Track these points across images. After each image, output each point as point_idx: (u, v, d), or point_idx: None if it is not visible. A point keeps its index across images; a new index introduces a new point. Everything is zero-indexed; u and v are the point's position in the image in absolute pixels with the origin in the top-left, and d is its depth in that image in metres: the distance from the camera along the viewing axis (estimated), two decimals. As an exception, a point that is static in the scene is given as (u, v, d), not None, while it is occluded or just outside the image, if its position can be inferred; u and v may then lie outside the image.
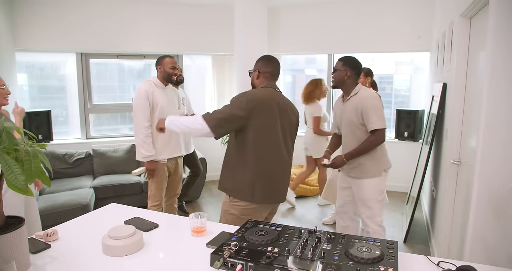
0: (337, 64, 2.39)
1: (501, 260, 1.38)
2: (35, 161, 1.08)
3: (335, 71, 2.40)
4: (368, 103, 2.28)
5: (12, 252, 1.12)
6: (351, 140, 2.40)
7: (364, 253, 1.17)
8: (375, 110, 2.27)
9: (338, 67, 2.38)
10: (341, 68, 2.36)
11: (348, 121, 2.37)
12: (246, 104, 1.86)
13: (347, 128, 2.41)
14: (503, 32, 1.52)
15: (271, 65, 2.13)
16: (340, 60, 2.40)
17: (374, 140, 2.31)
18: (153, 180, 3.07)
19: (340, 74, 2.37)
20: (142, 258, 1.33)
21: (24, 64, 4.63)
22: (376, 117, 2.26)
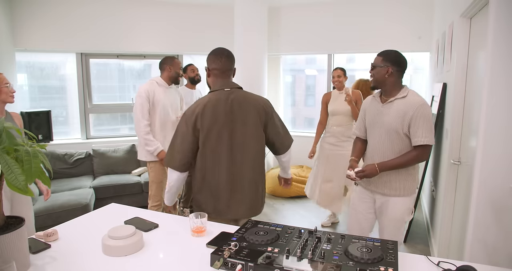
0: (376, 60, 2.02)
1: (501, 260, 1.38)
2: (35, 161, 1.08)
3: (374, 68, 2.02)
4: (421, 113, 1.87)
5: (12, 252, 1.12)
6: (386, 148, 1.99)
7: (364, 253, 1.17)
8: (427, 123, 1.88)
9: (377, 63, 2.01)
10: (381, 64, 1.98)
11: (388, 127, 1.96)
12: (186, 125, 1.76)
13: (384, 135, 1.99)
14: (503, 32, 1.52)
15: (219, 60, 1.86)
16: (380, 55, 2.02)
17: (419, 156, 1.92)
18: (153, 180, 3.05)
19: (380, 72, 1.98)
20: (142, 258, 1.32)
21: (24, 64, 4.63)
22: (427, 131, 1.87)
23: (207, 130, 1.76)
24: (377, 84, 2.02)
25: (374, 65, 2.03)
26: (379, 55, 2.03)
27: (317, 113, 4.07)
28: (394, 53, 2.02)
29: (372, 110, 2.09)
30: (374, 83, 2.04)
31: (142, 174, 4.49)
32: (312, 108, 5.83)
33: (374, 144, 2.05)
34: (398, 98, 1.96)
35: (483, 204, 1.64)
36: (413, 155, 1.92)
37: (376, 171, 1.93)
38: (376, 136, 2.03)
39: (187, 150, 1.77)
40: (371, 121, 2.08)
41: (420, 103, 1.89)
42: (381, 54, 2.03)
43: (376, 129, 2.03)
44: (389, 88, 1.99)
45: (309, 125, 5.82)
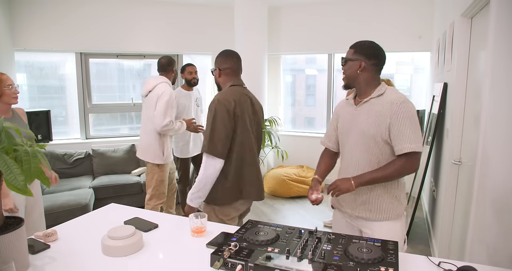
0: (348, 53, 1.66)
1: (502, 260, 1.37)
2: (35, 161, 1.08)
3: (345, 63, 1.66)
4: (402, 111, 1.51)
5: (11, 253, 1.12)
6: (364, 160, 1.61)
7: (364, 254, 1.17)
8: (412, 124, 1.51)
9: (348, 56, 1.65)
10: (353, 58, 1.62)
11: (363, 133, 1.59)
12: (228, 111, 1.84)
13: (360, 144, 1.61)
14: (504, 31, 1.51)
15: (230, 60, 2.00)
16: (352, 47, 1.65)
17: (405, 167, 1.52)
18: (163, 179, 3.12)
19: (352, 67, 1.62)
20: (142, 258, 1.32)
21: (23, 64, 4.63)
22: (413, 134, 1.50)
23: (242, 118, 1.90)
24: (349, 82, 1.68)
25: (345, 59, 1.66)
26: (351, 48, 1.66)
27: (317, 113, 4.06)
28: (368, 44, 1.64)
29: (345, 115, 1.72)
30: (346, 80, 1.69)
31: (141, 174, 4.48)
32: (312, 108, 5.83)
33: (349, 156, 1.67)
34: (373, 97, 1.60)
35: (484, 204, 1.64)
36: (398, 165, 1.52)
37: (351, 184, 1.53)
38: (351, 146, 1.66)
39: (227, 137, 1.85)
40: (344, 128, 1.71)
41: (400, 100, 1.53)
42: (353, 46, 1.66)
43: (350, 137, 1.66)
44: (363, 86, 1.64)
45: (309, 125, 5.82)
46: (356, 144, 1.63)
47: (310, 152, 5.29)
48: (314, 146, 5.29)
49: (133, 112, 5.26)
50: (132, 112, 5.27)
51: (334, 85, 5.38)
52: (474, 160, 1.84)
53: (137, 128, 5.34)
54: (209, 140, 1.83)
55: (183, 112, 3.52)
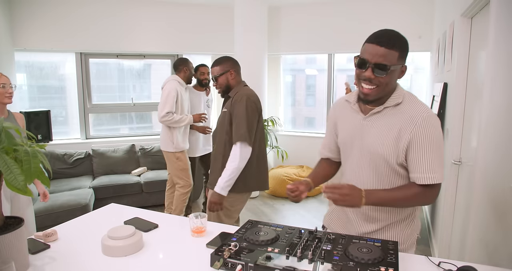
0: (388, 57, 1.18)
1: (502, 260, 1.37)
2: (35, 161, 1.08)
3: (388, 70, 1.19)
4: (426, 132, 1.20)
5: (11, 253, 1.12)
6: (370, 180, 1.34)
7: (364, 254, 1.17)
8: (436, 148, 1.21)
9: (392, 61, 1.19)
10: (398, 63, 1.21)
11: (373, 152, 1.29)
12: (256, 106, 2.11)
13: (365, 162, 1.33)
14: (503, 31, 1.51)
15: (236, 62, 2.25)
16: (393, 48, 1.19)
17: (426, 197, 1.26)
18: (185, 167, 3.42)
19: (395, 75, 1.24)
20: (142, 258, 1.32)
21: (23, 64, 4.63)
22: (436, 161, 1.21)
23: (261, 114, 2.16)
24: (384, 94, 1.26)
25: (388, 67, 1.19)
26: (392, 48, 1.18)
27: (317, 113, 4.05)
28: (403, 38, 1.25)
29: (348, 123, 1.38)
30: (379, 92, 1.24)
31: (142, 174, 4.49)
32: (312, 108, 5.83)
33: (352, 174, 1.38)
34: (388, 106, 1.27)
35: (484, 204, 1.64)
36: (413, 193, 1.24)
37: (361, 199, 1.21)
38: (355, 163, 1.36)
39: (254, 128, 2.08)
40: (347, 139, 1.39)
41: (424, 115, 1.21)
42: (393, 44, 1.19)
43: (354, 152, 1.36)
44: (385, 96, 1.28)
45: (309, 125, 5.81)
46: (362, 162, 1.34)
47: (310, 152, 5.29)
48: (314, 146, 5.31)
49: (133, 112, 5.26)
50: (132, 112, 5.27)
51: (334, 85, 5.38)
52: (474, 160, 1.84)
53: (137, 128, 5.35)
54: (246, 129, 2.02)
55: (190, 110, 3.63)
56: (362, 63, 1.22)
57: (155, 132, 5.30)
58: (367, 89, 1.24)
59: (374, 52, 1.20)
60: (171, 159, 3.41)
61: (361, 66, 1.23)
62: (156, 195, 4.28)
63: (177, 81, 3.36)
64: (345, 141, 1.40)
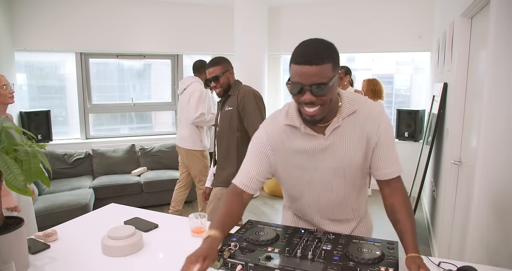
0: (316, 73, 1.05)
1: (502, 260, 1.37)
2: (35, 161, 1.08)
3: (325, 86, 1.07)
4: (390, 129, 1.24)
5: (11, 253, 1.12)
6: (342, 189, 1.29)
7: (364, 254, 1.17)
8: (394, 139, 1.28)
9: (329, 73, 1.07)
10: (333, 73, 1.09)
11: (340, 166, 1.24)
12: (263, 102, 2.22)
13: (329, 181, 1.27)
14: (503, 31, 1.51)
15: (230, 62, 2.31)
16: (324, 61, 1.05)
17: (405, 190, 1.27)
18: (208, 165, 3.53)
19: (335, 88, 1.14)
20: (142, 258, 1.32)
21: (23, 64, 4.63)
22: (396, 153, 1.26)
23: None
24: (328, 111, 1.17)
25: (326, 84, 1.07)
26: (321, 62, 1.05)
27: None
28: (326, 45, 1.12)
29: (301, 147, 1.24)
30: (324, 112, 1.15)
31: (142, 174, 4.49)
32: (312, 108, 5.82)
33: (318, 192, 1.30)
34: (344, 117, 1.20)
35: (484, 204, 1.64)
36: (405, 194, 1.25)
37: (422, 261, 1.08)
38: (321, 181, 1.27)
39: None
40: (305, 163, 1.26)
41: (379, 112, 1.23)
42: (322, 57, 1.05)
43: (319, 172, 1.26)
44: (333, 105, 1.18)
45: (309, 125, 5.81)
46: (330, 184, 1.27)
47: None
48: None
49: (133, 112, 5.27)
50: (132, 112, 5.27)
51: (334, 85, 5.37)
52: (474, 160, 1.84)
53: (137, 128, 5.35)
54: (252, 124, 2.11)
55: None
56: (297, 88, 1.08)
57: (155, 133, 5.31)
58: (312, 111, 1.12)
59: (306, 73, 1.05)
60: (197, 157, 3.51)
61: (298, 92, 1.09)
62: (156, 195, 4.28)
63: (200, 83, 3.49)
64: (303, 166, 1.26)
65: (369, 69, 5.46)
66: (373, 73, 5.33)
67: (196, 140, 3.52)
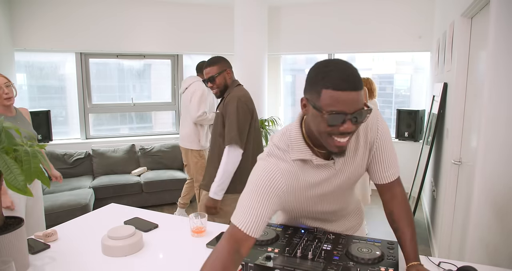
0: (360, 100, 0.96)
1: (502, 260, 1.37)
2: (35, 161, 1.08)
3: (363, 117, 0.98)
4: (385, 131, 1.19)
5: (11, 253, 1.12)
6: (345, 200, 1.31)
7: (364, 254, 1.17)
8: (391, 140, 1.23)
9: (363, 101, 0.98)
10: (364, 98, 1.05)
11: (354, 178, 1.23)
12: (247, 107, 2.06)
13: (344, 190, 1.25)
14: (503, 31, 1.51)
15: (228, 61, 2.20)
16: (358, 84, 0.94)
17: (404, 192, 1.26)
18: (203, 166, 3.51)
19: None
20: (142, 258, 1.32)
21: (23, 64, 4.63)
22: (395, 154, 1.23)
23: (254, 114, 2.12)
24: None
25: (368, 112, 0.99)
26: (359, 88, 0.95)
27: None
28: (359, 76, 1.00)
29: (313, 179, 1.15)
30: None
31: (142, 174, 4.49)
32: (312, 108, 5.82)
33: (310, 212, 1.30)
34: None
35: (484, 204, 1.64)
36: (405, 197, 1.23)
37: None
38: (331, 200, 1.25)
39: (246, 129, 2.05)
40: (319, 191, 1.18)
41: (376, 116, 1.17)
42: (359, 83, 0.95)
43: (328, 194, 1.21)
44: None
45: (309, 125, 5.81)
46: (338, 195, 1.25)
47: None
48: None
49: (133, 112, 5.27)
50: (132, 112, 5.27)
51: (334, 85, 5.37)
52: (474, 160, 1.84)
53: (137, 128, 5.35)
54: (237, 132, 1.99)
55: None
56: (340, 118, 0.94)
57: (155, 133, 5.31)
58: (344, 142, 0.99)
59: (352, 100, 0.93)
60: (195, 156, 3.57)
61: (335, 121, 0.95)
62: (156, 195, 4.28)
63: (201, 82, 3.54)
64: (312, 196, 1.19)
65: (369, 69, 5.46)
66: (373, 73, 5.33)
67: (194, 140, 3.55)
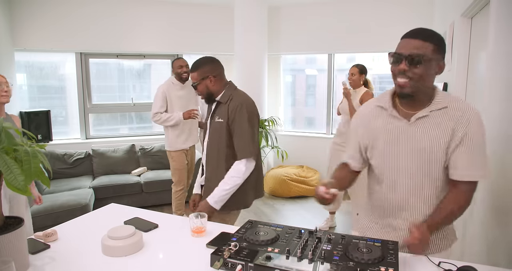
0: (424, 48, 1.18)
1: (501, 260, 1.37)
2: (35, 161, 1.08)
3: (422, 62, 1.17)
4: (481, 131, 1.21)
5: (11, 253, 1.12)
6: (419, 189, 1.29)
7: (364, 254, 1.17)
8: (483, 146, 1.22)
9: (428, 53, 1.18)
10: (435, 56, 1.19)
11: (422, 155, 1.25)
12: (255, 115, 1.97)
13: (411, 169, 1.28)
14: (503, 32, 1.51)
15: (217, 64, 1.99)
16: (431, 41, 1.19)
17: (468, 200, 1.25)
18: (177, 168, 3.55)
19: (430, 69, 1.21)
20: (142, 258, 1.32)
21: (23, 64, 4.63)
22: (484, 156, 1.23)
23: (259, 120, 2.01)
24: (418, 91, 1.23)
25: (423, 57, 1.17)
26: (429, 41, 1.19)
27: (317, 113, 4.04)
28: (441, 37, 1.24)
29: (386, 130, 1.31)
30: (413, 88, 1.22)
31: (142, 174, 4.49)
32: (312, 108, 5.83)
33: (397, 187, 1.32)
34: (434, 110, 1.24)
35: (484, 204, 1.64)
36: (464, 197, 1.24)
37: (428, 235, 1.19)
38: (400, 167, 1.30)
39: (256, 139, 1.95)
40: (388, 145, 1.31)
41: (477, 112, 1.21)
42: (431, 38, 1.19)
43: (401, 157, 1.30)
44: (423, 94, 1.25)
45: (309, 125, 5.82)
46: (408, 167, 1.28)
47: (310, 152, 5.29)
48: (314, 145, 5.32)
49: (133, 112, 5.27)
50: (132, 112, 5.27)
51: (334, 86, 5.38)
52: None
53: (137, 128, 5.36)
54: (245, 144, 1.87)
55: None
56: (397, 57, 1.22)
57: (155, 133, 5.31)
58: (403, 82, 1.22)
59: (408, 45, 1.21)
60: (168, 157, 3.59)
61: (396, 61, 1.23)
62: (156, 195, 4.28)
63: (171, 81, 3.49)
64: (385, 148, 1.32)
65: (370, 69, 5.44)
66: (373, 73, 5.33)
67: (165, 140, 3.58)
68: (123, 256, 1.32)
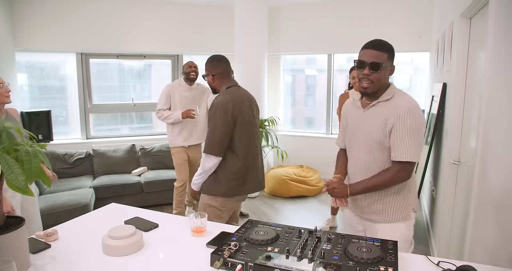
0: (379, 57, 1.53)
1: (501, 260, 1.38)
2: (35, 161, 1.08)
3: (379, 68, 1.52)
4: (406, 119, 1.50)
5: (12, 252, 1.12)
6: (369, 164, 1.63)
7: (364, 253, 1.18)
8: (415, 133, 1.51)
9: (383, 61, 1.53)
10: (388, 63, 1.55)
11: (369, 137, 1.60)
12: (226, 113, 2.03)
13: (365, 148, 1.62)
14: (503, 32, 1.52)
15: (220, 64, 2.18)
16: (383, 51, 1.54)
17: (397, 176, 1.55)
18: (175, 162, 3.69)
19: (385, 73, 1.56)
20: (142, 258, 1.33)
21: (24, 64, 4.63)
22: (413, 143, 1.51)
23: (241, 117, 2.08)
24: (377, 89, 1.57)
25: (379, 64, 1.51)
26: (382, 50, 1.53)
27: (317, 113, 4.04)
28: (390, 45, 1.59)
29: (353, 117, 1.72)
30: (374, 88, 1.56)
31: (142, 173, 4.49)
32: (312, 108, 5.84)
33: (356, 160, 1.68)
34: (381, 101, 1.59)
35: (483, 203, 1.64)
36: (389, 174, 1.55)
37: (347, 194, 1.60)
38: (357, 150, 1.67)
39: (227, 137, 2.05)
40: (352, 130, 1.71)
41: (407, 107, 1.51)
42: (382, 48, 1.54)
43: (357, 140, 1.67)
44: (379, 91, 1.60)
45: (309, 125, 5.82)
46: (363, 148, 1.64)
47: (310, 151, 5.29)
48: (314, 145, 5.33)
49: (133, 112, 5.27)
50: (132, 113, 5.28)
51: (334, 86, 5.39)
52: (473, 160, 1.85)
53: (137, 128, 5.36)
54: (209, 141, 2.05)
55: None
56: (360, 64, 1.56)
57: (155, 133, 5.31)
58: (366, 85, 1.56)
59: (368, 54, 1.54)
60: (171, 153, 3.72)
61: (360, 66, 1.56)
62: (156, 194, 4.29)
63: (178, 82, 3.66)
64: (350, 132, 1.73)
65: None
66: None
67: (167, 137, 3.72)
68: (123, 255, 1.33)
